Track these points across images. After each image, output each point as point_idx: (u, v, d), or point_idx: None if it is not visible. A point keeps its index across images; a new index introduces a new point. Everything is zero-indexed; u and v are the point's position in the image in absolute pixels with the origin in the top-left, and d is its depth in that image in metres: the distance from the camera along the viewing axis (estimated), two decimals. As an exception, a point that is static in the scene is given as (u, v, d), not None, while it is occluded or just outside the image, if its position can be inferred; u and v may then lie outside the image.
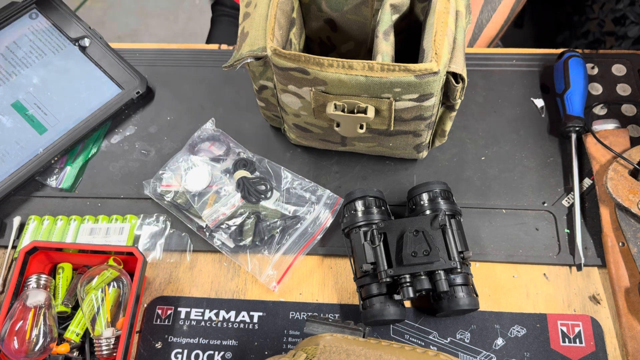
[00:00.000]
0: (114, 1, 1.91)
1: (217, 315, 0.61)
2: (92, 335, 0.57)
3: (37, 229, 0.66)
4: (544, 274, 0.62)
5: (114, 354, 0.56)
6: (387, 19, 0.56)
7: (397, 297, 0.54)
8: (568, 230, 0.64)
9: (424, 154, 0.66)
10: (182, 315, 0.61)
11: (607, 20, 0.99)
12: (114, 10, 1.90)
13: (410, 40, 0.62)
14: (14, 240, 0.66)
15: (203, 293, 0.63)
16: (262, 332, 0.60)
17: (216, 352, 0.59)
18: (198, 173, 0.66)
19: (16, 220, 0.67)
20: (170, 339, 0.60)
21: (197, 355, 0.59)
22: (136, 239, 0.65)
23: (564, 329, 0.59)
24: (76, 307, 0.60)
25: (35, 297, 0.57)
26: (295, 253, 0.63)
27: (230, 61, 0.56)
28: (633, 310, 0.58)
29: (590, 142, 0.66)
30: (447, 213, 0.58)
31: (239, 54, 0.56)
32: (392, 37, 0.55)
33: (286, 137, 0.69)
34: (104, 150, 0.72)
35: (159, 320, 0.61)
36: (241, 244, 0.64)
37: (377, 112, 0.54)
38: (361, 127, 0.55)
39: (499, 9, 0.83)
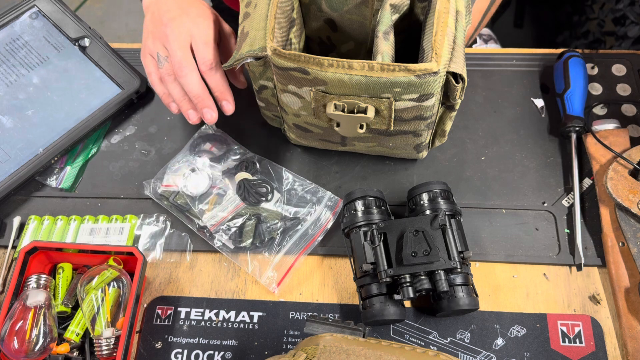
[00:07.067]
0: (114, 1, 1.91)
1: (217, 315, 0.61)
2: (92, 335, 0.57)
3: (37, 229, 0.66)
4: (544, 274, 0.62)
5: (114, 354, 0.56)
6: (387, 19, 0.56)
7: (397, 297, 0.54)
8: (568, 230, 0.64)
9: (424, 154, 0.66)
10: (182, 315, 0.61)
11: (607, 20, 0.99)
12: (114, 10, 1.90)
13: (410, 40, 0.62)
14: (14, 240, 0.66)
15: (203, 293, 0.63)
16: (262, 332, 0.60)
17: (216, 352, 0.59)
18: (198, 176, 0.66)
19: (16, 220, 0.67)
20: (170, 339, 0.60)
21: (197, 355, 0.59)
22: (136, 239, 0.65)
23: (564, 329, 0.59)
24: (76, 307, 0.60)
25: (35, 297, 0.57)
26: (295, 255, 0.63)
27: (230, 61, 0.56)
28: (633, 310, 0.58)
29: (590, 142, 0.66)
30: (447, 213, 0.58)
31: (239, 53, 0.56)
32: (392, 37, 0.55)
33: (286, 137, 0.69)
34: (104, 150, 0.72)
35: (159, 320, 0.61)
36: (241, 245, 0.63)
37: (377, 112, 0.54)
38: (361, 127, 0.55)
39: None
